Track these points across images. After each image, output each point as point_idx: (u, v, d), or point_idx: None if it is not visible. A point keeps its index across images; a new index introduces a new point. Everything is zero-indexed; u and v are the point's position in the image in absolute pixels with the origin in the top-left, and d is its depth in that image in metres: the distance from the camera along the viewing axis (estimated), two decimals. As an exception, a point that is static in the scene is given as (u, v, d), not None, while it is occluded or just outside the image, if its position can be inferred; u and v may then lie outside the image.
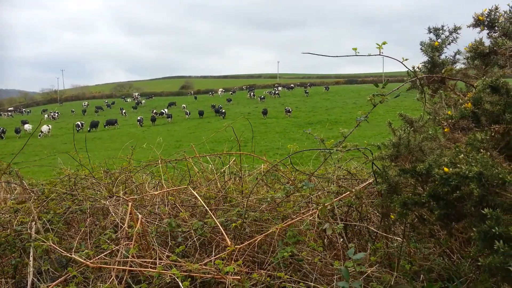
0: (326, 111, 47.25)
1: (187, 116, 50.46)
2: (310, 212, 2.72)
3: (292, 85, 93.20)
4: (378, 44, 2.36)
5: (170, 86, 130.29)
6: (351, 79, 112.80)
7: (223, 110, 49.45)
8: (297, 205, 3.01)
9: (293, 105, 51.28)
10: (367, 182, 2.83)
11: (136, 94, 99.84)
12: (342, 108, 48.38)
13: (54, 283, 2.48)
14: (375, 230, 2.57)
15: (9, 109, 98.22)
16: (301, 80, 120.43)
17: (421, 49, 3.10)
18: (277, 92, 73.61)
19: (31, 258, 2.78)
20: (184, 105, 60.31)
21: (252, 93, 75.54)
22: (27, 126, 47.53)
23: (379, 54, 2.38)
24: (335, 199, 2.70)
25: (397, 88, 2.40)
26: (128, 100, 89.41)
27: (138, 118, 48.77)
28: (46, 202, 3.24)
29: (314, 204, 2.88)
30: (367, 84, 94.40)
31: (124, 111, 62.45)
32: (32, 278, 2.71)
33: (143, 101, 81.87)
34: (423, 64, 3.09)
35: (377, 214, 3.20)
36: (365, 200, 2.89)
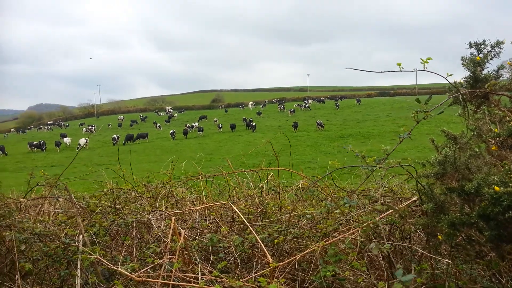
0: (358, 124, 46.60)
1: (219, 129, 50.97)
2: (352, 231, 2.69)
3: (322, 98, 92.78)
4: (422, 60, 2.33)
5: (201, 99, 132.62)
6: (383, 92, 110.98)
7: (254, 123, 49.71)
8: (337, 222, 2.98)
9: (324, 118, 50.94)
10: (410, 200, 2.77)
11: (169, 108, 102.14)
12: (374, 121, 47.59)
13: (101, 295, 2.57)
14: (419, 250, 2.51)
15: (49, 122, 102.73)
16: (331, 93, 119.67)
17: (462, 64, 3.05)
18: (307, 105, 73.39)
19: (78, 270, 2.88)
20: (216, 119, 61.04)
21: (282, 106, 75.68)
22: (67, 140, 49.41)
23: (424, 70, 2.34)
24: (377, 218, 2.65)
25: (440, 104, 2.36)
26: (161, 114, 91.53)
27: (171, 131, 49.76)
28: (91, 215, 3.36)
29: (355, 222, 2.85)
30: (400, 96, 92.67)
31: (158, 124, 63.92)
32: (80, 290, 2.81)
33: (175, 114, 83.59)
34: (465, 79, 3.04)
35: (420, 233, 3.12)
36: (408, 219, 2.83)
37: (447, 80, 2.77)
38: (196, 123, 57.44)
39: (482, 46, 3.03)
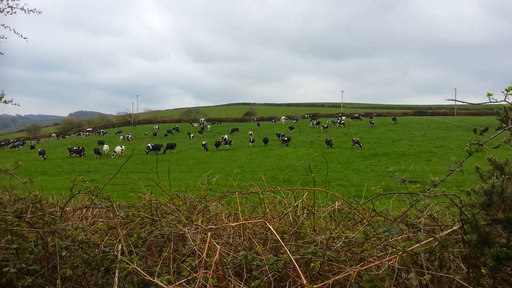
0: (393, 143, 45.62)
1: (250, 143, 50.89)
2: (389, 257, 2.63)
3: (356, 114, 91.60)
4: (506, 90, 2.23)
5: (234, 112, 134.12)
6: (420, 111, 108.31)
7: (286, 138, 49.61)
8: (374, 247, 2.93)
9: (357, 135, 50.21)
10: (451, 229, 2.69)
11: (202, 119, 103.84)
12: (410, 141, 46.47)
13: (136, 306, 2.62)
14: (460, 281, 2.42)
15: (88, 129, 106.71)
16: (365, 110, 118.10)
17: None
18: (342, 121, 72.64)
19: (116, 279, 2.97)
20: (251, 132, 61.24)
21: (314, 122, 75.30)
22: (105, 147, 50.98)
23: (504, 101, 2.22)
24: (416, 245, 2.59)
25: (495, 136, 2.29)
26: (194, 124, 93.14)
27: (203, 142, 50.44)
28: (130, 225, 3.46)
29: (393, 248, 2.79)
30: (438, 116, 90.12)
31: (192, 135, 64.98)
32: (116, 298, 2.89)
33: (208, 126, 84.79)
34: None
35: (458, 262, 3.01)
36: (448, 249, 2.74)
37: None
38: (226, 136, 57.44)
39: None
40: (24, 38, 6.92)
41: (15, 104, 6.45)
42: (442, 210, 3.35)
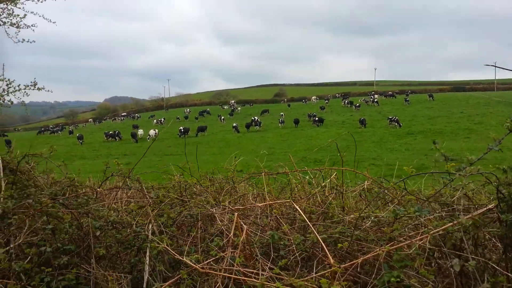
0: (429, 120, 44.18)
1: (280, 125, 50.46)
2: (420, 237, 2.55)
3: (390, 92, 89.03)
4: None
5: (264, 93, 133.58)
6: (458, 87, 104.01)
7: (317, 118, 49.02)
8: (404, 227, 2.85)
9: (392, 114, 48.91)
10: (486, 208, 2.57)
11: (233, 101, 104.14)
12: (447, 118, 44.80)
13: (167, 283, 2.69)
14: (494, 263, 2.32)
15: (122, 114, 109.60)
16: (400, 88, 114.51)
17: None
18: (375, 100, 70.81)
19: (147, 258, 3.06)
20: (282, 113, 60.91)
21: (346, 101, 73.88)
22: (140, 131, 52.08)
23: None
24: (449, 224, 2.50)
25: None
26: (225, 107, 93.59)
27: (234, 124, 50.68)
28: (160, 206, 3.53)
29: (424, 228, 2.70)
30: (476, 92, 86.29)
31: (222, 117, 65.37)
32: (147, 277, 2.98)
33: (239, 108, 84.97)
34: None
35: (495, 241, 2.89)
36: (483, 227, 2.63)
37: None
38: (255, 117, 56.64)
39: None
40: (53, 22, 7.06)
41: (48, 91, 6.65)
42: (478, 188, 3.21)
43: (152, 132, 50.07)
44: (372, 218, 3.01)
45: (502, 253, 2.42)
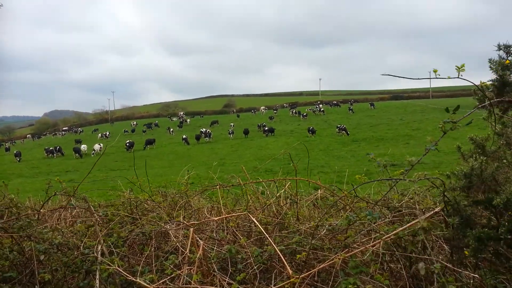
0: (371, 128, 46.22)
1: (230, 135, 50.18)
2: (373, 242, 2.63)
3: (335, 101, 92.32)
4: (457, 67, 2.26)
5: (213, 105, 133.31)
6: (397, 95, 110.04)
7: (266, 128, 49.57)
8: (358, 233, 2.92)
9: (337, 122, 50.63)
10: (433, 211, 2.70)
11: (182, 113, 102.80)
12: (387, 125, 47.15)
13: (120, 307, 2.56)
14: (444, 263, 2.43)
15: (64, 128, 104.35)
16: (343, 97, 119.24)
17: (490, 67, 2.97)
18: (322, 109, 73.10)
19: (97, 281, 2.88)
20: (232, 124, 60.82)
21: (294, 111, 75.57)
22: (83, 147, 49.53)
23: (459, 77, 2.26)
24: (400, 229, 2.59)
25: (468, 114, 2.29)
26: (174, 119, 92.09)
27: (184, 136, 49.96)
28: (109, 225, 3.36)
29: (376, 233, 2.79)
30: (413, 99, 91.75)
31: (171, 130, 64.20)
32: (99, 300, 2.81)
33: (188, 120, 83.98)
34: (491, 82, 2.96)
35: (441, 243, 3.05)
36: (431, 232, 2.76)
37: (480, 90, 2.69)
38: (203, 129, 55.47)
39: (512, 49, 2.96)
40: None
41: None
42: (423, 192, 3.37)
43: (97, 146, 48.03)
44: (327, 226, 3.06)
45: (449, 254, 2.55)
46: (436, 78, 2.25)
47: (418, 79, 2.43)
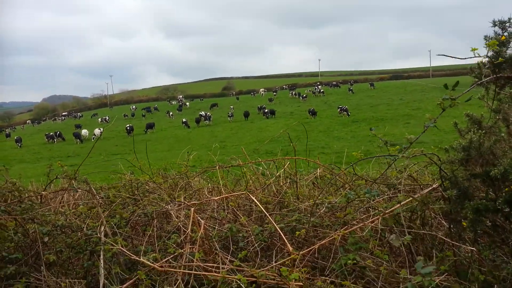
0: (371, 108, 46.07)
1: (229, 118, 49.98)
2: (372, 219, 2.67)
3: (335, 82, 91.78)
4: (473, 48, 2.23)
5: (213, 87, 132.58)
6: (396, 75, 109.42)
7: (266, 110, 49.41)
8: (357, 210, 2.96)
9: (337, 103, 50.43)
10: (431, 187, 2.73)
11: (181, 96, 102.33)
12: (387, 105, 46.98)
13: (124, 286, 2.61)
14: (442, 237, 2.48)
15: (63, 113, 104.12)
16: (343, 78, 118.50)
17: (486, 44, 2.96)
18: (321, 90, 72.66)
19: (101, 261, 2.94)
20: (232, 107, 60.61)
21: (294, 92, 75.21)
22: (84, 131, 49.45)
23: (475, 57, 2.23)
24: (397, 206, 2.63)
25: (468, 90, 2.29)
26: (173, 102, 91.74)
27: (183, 120, 49.84)
28: (112, 206, 3.40)
29: (375, 210, 2.82)
30: (413, 79, 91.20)
31: (171, 113, 64.04)
32: (103, 280, 2.87)
33: (187, 103, 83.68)
34: (487, 58, 2.94)
35: (440, 219, 3.09)
36: (429, 206, 2.80)
37: (478, 67, 2.68)
38: (203, 112, 55.09)
39: (508, 24, 2.94)
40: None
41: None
42: (421, 169, 3.40)
43: (97, 131, 47.97)
44: (326, 204, 3.10)
45: (447, 229, 2.59)
46: (474, 57, 2.22)
47: (465, 58, 2.40)
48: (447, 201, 2.46)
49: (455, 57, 2.46)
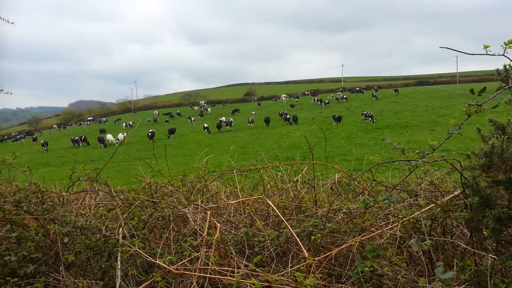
0: (395, 114, 45.31)
1: (250, 124, 49.92)
2: (391, 226, 2.61)
3: (357, 88, 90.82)
4: (505, 43, 2.16)
5: (234, 93, 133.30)
6: (422, 80, 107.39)
7: (288, 116, 49.27)
8: (375, 217, 2.90)
9: (360, 109, 49.85)
10: (453, 194, 2.65)
11: (203, 102, 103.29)
12: (412, 112, 46.09)
13: (140, 287, 2.63)
14: (463, 245, 2.39)
15: (88, 118, 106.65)
16: (366, 83, 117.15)
17: (504, 43, 2.86)
18: (344, 96, 72.02)
19: (118, 263, 2.97)
20: (253, 112, 60.78)
21: (316, 98, 74.81)
22: (109, 136, 50.50)
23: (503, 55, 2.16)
24: (418, 212, 2.56)
25: (494, 96, 2.21)
26: (195, 108, 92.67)
27: (205, 125, 50.22)
28: (130, 209, 3.45)
29: (394, 217, 2.76)
30: (439, 85, 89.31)
31: (193, 119, 64.68)
32: (120, 282, 2.90)
33: (209, 108, 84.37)
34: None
35: (462, 228, 2.99)
36: (450, 214, 2.71)
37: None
38: (223, 118, 55.36)
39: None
40: (11, 23, 6.68)
41: (7, 93, 6.32)
42: (443, 176, 3.31)
43: (121, 136, 48.87)
44: (344, 210, 3.05)
45: (469, 238, 2.50)
46: (487, 54, 2.15)
47: (473, 54, 2.34)
48: (468, 208, 2.38)
49: (463, 52, 2.39)
